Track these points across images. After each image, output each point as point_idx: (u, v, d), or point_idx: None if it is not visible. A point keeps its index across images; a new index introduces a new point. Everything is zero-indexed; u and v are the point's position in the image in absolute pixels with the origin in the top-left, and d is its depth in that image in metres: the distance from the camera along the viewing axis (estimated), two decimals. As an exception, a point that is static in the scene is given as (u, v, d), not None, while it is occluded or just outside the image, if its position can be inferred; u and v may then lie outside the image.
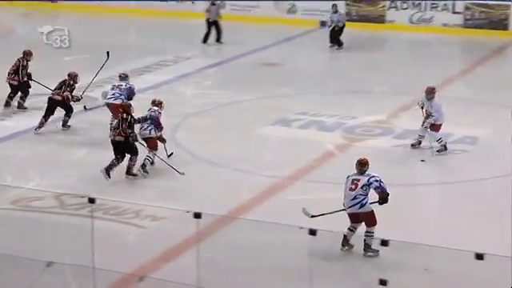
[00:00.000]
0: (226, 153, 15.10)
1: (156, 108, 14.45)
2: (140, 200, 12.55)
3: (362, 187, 10.95)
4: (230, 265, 10.67)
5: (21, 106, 18.23)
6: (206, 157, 15.02)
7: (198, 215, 9.39)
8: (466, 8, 25.31)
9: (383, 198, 11.01)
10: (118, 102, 15.59)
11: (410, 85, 19.50)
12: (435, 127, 15.16)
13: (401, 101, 18.12)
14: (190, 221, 9.44)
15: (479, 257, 8.30)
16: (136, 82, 18.26)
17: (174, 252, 11.00)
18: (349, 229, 11.05)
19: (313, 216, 10.96)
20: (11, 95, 18.28)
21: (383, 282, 8.43)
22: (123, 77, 16.65)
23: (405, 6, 25.82)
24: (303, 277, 9.16)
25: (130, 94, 16.01)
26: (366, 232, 10.93)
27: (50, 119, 16.42)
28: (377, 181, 11.03)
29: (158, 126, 14.29)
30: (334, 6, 24.18)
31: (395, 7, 26.17)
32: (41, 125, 16.40)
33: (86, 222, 10.12)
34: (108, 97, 16.18)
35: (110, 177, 13.64)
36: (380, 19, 26.37)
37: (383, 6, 26.38)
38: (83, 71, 18.17)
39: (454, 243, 10.27)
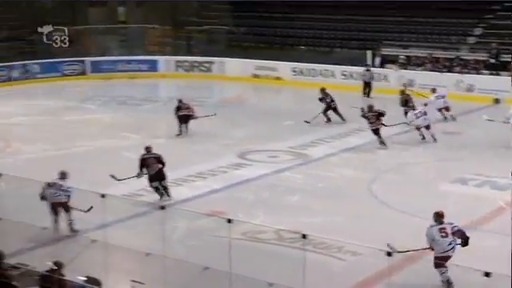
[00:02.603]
0: (412, 203, 14.40)
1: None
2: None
3: (452, 234, 10.45)
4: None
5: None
6: (396, 205, 14.41)
7: (389, 254, 9.12)
8: None
9: (466, 240, 10.50)
10: None
11: None
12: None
13: None
14: (383, 258, 9.04)
15: None
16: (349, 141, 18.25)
17: (368, 283, 10.63)
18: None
19: (399, 251, 10.29)
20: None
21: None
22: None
23: None
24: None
25: None
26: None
27: None
28: (456, 226, 10.60)
29: None
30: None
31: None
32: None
33: (299, 253, 9.94)
34: None
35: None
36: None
37: None
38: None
39: None
